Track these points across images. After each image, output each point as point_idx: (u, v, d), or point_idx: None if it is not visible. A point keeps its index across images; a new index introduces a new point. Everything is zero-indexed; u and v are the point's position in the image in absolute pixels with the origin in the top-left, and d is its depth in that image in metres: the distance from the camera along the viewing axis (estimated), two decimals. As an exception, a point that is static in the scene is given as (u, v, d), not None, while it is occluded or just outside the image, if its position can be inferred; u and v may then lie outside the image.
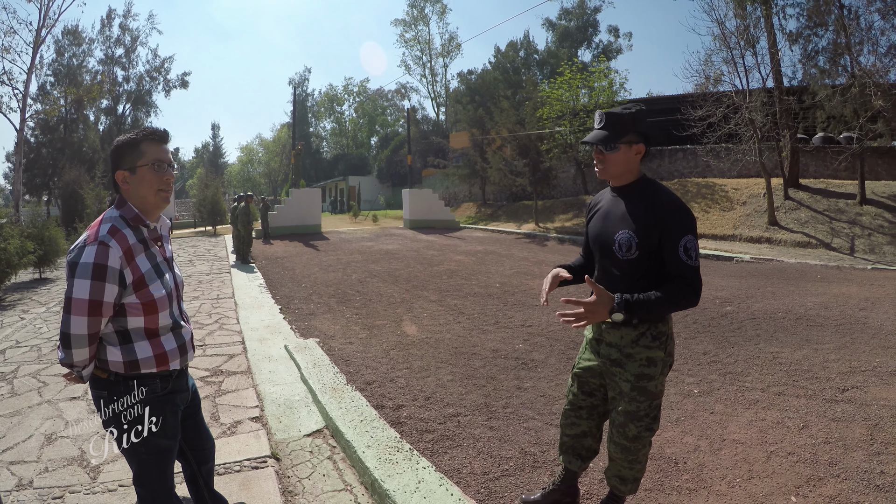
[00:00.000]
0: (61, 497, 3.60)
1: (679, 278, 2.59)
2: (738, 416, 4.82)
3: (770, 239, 19.45)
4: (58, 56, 41.93)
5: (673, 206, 2.63)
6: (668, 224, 2.60)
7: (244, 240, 16.39)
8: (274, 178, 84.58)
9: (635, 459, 2.89)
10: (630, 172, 2.80)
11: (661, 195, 2.69)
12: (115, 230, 2.34)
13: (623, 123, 2.72)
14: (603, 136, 2.73)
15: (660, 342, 2.75)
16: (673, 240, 2.59)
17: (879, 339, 7.16)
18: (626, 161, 2.75)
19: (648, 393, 2.76)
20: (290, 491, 3.77)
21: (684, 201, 2.74)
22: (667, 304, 2.56)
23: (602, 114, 2.79)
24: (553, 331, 7.96)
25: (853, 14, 20.49)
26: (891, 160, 22.59)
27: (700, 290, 2.59)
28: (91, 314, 2.25)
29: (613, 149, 2.73)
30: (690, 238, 2.59)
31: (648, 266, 2.68)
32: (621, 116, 2.73)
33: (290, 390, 5.66)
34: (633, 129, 2.71)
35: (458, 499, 3.40)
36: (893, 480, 3.61)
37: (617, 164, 2.77)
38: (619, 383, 2.82)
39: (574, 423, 3.14)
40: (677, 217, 2.61)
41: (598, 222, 2.94)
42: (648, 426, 2.81)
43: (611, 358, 2.83)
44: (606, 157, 2.77)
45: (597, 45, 62.79)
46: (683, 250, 2.57)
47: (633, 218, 2.71)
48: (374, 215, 37.42)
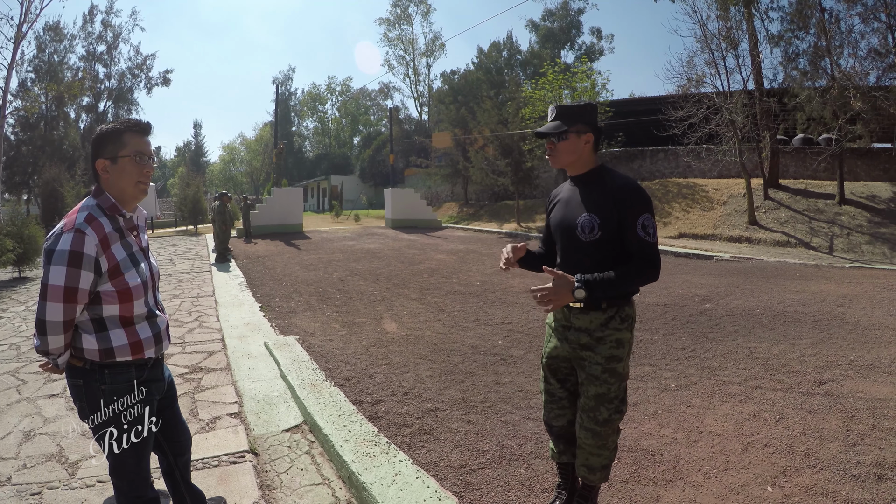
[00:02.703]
0: (39, 493, 3.58)
1: (638, 254, 2.69)
2: (715, 410, 4.87)
3: (750, 238, 19.63)
4: (39, 52, 41.60)
5: (629, 188, 2.75)
6: (627, 204, 2.70)
7: (220, 238, 16.30)
8: (256, 177, 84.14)
9: (604, 445, 2.91)
10: (582, 161, 2.90)
11: (618, 179, 2.81)
12: (92, 218, 2.35)
13: (573, 114, 2.85)
14: (554, 126, 2.85)
15: (627, 324, 2.83)
16: (632, 218, 2.68)
17: (856, 334, 7.25)
18: (576, 149, 2.85)
19: (618, 374, 2.82)
20: (267, 485, 3.78)
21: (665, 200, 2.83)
22: (627, 280, 2.65)
23: (554, 107, 2.94)
24: (532, 327, 8.00)
25: (834, 18, 20.73)
26: (869, 161, 22.85)
27: (659, 265, 2.70)
28: (66, 301, 2.26)
29: (563, 137, 2.84)
30: (648, 216, 2.71)
31: (611, 247, 2.75)
32: (571, 108, 2.87)
33: (269, 386, 5.66)
34: (581, 120, 2.83)
35: (435, 491, 3.42)
36: (869, 470, 3.66)
37: (567, 153, 2.87)
38: (588, 367, 2.85)
39: (559, 415, 3.13)
40: (634, 197, 2.72)
41: (559, 210, 3.01)
42: (618, 408, 2.86)
43: (580, 343, 2.86)
44: (557, 146, 2.87)
45: (580, 47, 63.20)
46: (641, 227, 2.67)
47: (593, 202, 2.80)
48: (356, 215, 37.37)
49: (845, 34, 20.37)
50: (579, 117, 2.83)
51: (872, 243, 17.35)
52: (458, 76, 64.01)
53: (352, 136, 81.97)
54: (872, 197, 20.29)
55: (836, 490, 3.45)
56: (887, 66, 19.31)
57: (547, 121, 2.95)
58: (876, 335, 7.15)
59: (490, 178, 30.02)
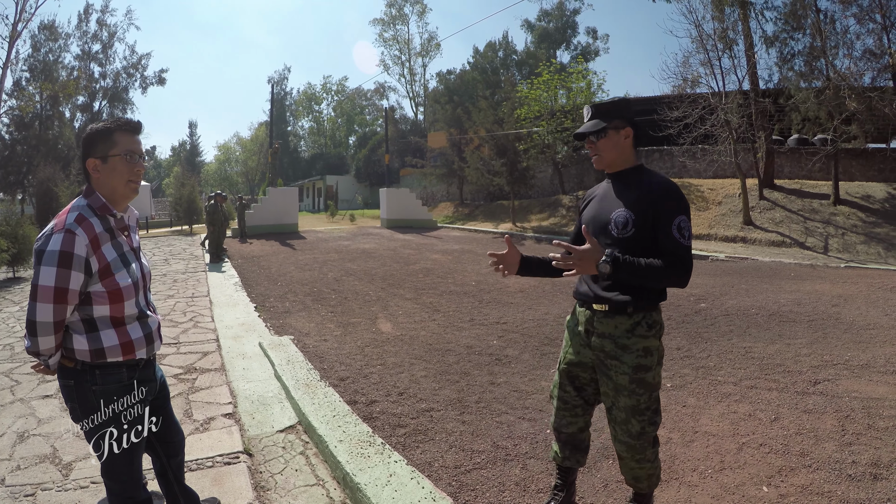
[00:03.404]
0: (33, 494, 3.56)
1: (670, 256, 2.59)
2: (710, 409, 4.87)
3: (745, 238, 19.66)
4: (34, 51, 41.37)
5: (668, 188, 2.69)
6: (663, 203, 2.64)
7: (215, 238, 16.27)
8: (251, 177, 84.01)
9: (643, 458, 2.84)
10: (623, 158, 2.85)
11: (655, 178, 2.76)
12: (82, 218, 2.34)
13: (609, 111, 2.82)
14: (593, 124, 2.82)
15: (655, 331, 2.74)
16: (667, 219, 2.62)
17: (851, 333, 7.26)
18: (618, 146, 2.82)
19: (647, 385, 2.73)
20: (262, 486, 3.76)
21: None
22: (654, 273, 2.55)
23: (589, 107, 2.90)
24: (527, 327, 8.00)
25: (829, 18, 20.80)
26: (864, 161, 22.90)
27: (690, 270, 2.60)
28: (56, 301, 2.25)
29: (603, 135, 2.80)
30: (684, 218, 2.63)
31: (643, 245, 2.67)
32: (607, 105, 2.84)
33: (264, 387, 5.65)
34: (618, 115, 2.79)
35: (430, 492, 3.41)
36: (865, 470, 3.66)
37: (609, 150, 2.83)
38: (615, 377, 2.76)
39: (571, 422, 3.05)
40: (672, 197, 2.66)
41: (593, 206, 2.97)
42: (651, 419, 2.78)
43: (605, 350, 2.77)
44: (598, 144, 2.83)
45: (575, 47, 63.18)
46: (677, 229, 2.60)
47: (629, 198, 2.75)
48: (351, 215, 37.28)
49: (840, 35, 20.45)
50: (616, 113, 2.81)
51: (867, 243, 17.39)
52: (453, 76, 63.99)
53: (347, 136, 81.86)
54: (867, 197, 20.34)
55: (832, 490, 3.44)
56: (882, 67, 19.38)
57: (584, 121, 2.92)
58: (871, 335, 7.17)
59: (485, 178, 30.00)
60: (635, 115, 2.87)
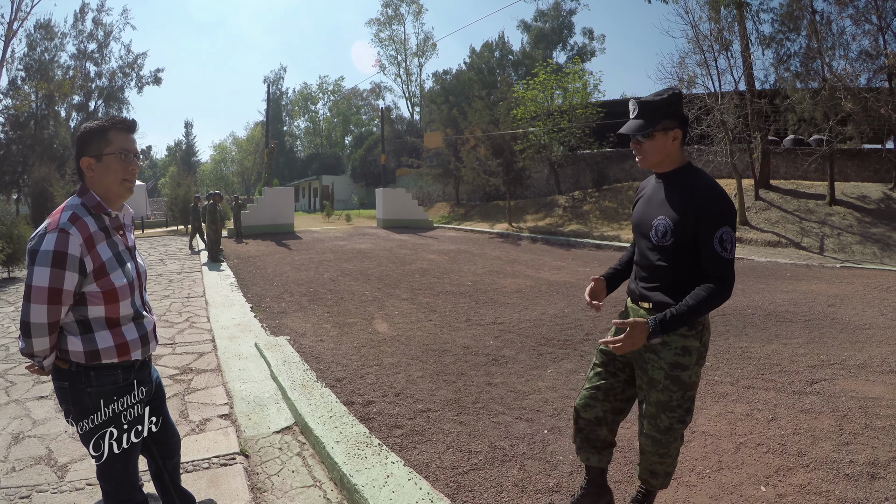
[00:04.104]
0: (28, 496, 3.54)
1: (711, 271, 2.53)
2: (708, 409, 4.87)
3: (741, 238, 19.67)
4: (29, 50, 41.13)
5: (712, 195, 2.57)
6: (706, 212, 2.53)
7: (211, 238, 16.25)
8: (247, 176, 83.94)
9: (666, 453, 2.83)
10: (670, 159, 2.74)
11: (701, 183, 2.63)
12: (76, 218, 2.31)
13: (657, 109, 2.66)
14: (638, 125, 2.69)
15: (696, 331, 2.68)
16: (709, 230, 2.52)
17: (847, 333, 7.28)
18: (664, 148, 2.69)
19: (682, 383, 2.69)
20: (258, 487, 3.74)
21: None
22: (702, 307, 2.48)
23: (635, 102, 2.73)
24: (524, 328, 7.99)
25: (825, 19, 20.88)
26: (860, 162, 22.97)
27: (732, 285, 2.53)
28: (51, 302, 2.23)
29: (649, 136, 2.67)
30: (727, 230, 2.52)
31: (683, 254, 2.62)
32: (654, 103, 2.66)
33: (260, 388, 5.63)
34: (667, 115, 2.65)
35: (427, 493, 3.40)
36: (862, 469, 3.67)
37: (655, 152, 2.71)
38: (650, 371, 2.74)
39: (589, 405, 2.99)
40: (716, 206, 2.54)
41: (640, 207, 2.91)
42: (681, 418, 2.75)
43: (645, 343, 2.68)
44: (644, 145, 2.72)
45: (571, 47, 63.30)
46: (719, 241, 2.50)
47: (671, 205, 2.66)
48: (347, 215, 37.32)
49: (837, 36, 20.53)
50: (665, 112, 2.65)
51: (863, 243, 17.43)
52: (450, 76, 64.05)
53: (343, 136, 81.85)
54: (863, 197, 20.39)
55: (830, 489, 3.45)
56: (878, 68, 19.45)
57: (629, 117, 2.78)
58: (867, 334, 7.19)
59: (481, 178, 29.98)
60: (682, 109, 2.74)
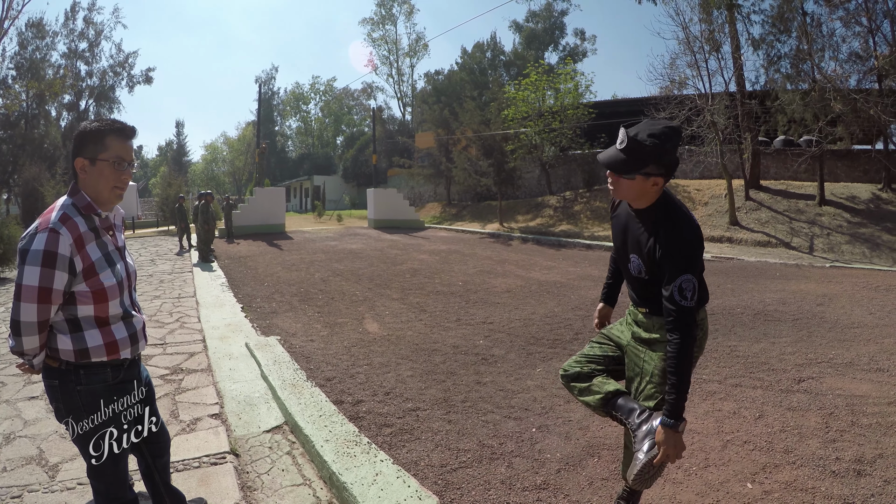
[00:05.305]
0: (20, 496, 3.54)
1: (670, 317, 2.45)
2: (695, 407, 4.90)
3: (731, 238, 19.75)
4: (20, 49, 40.85)
5: (674, 243, 2.48)
6: (668, 260, 2.47)
7: (203, 238, 16.22)
8: (238, 177, 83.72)
9: None
10: (644, 198, 2.61)
11: (668, 224, 2.53)
12: (67, 218, 2.33)
13: (647, 154, 2.48)
14: (619, 162, 2.55)
15: None
16: (671, 276, 2.45)
17: (835, 332, 7.33)
18: (642, 190, 2.56)
19: None
20: (248, 486, 3.75)
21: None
22: (682, 371, 2.44)
23: (625, 134, 2.54)
24: (514, 327, 8.02)
25: (816, 21, 20.95)
26: (849, 163, 23.08)
27: (692, 329, 2.44)
28: (40, 301, 2.24)
29: (629, 177, 2.54)
30: (688, 278, 2.43)
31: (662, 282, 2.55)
32: (645, 147, 2.47)
33: (250, 387, 5.63)
34: (655, 161, 2.49)
35: (416, 490, 3.41)
36: (848, 466, 3.71)
37: (630, 191, 2.59)
38: (641, 362, 2.74)
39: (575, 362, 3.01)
40: (678, 256, 2.46)
41: (618, 234, 2.87)
42: None
43: (640, 337, 2.73)
44: (620, 181, 2.58)
45: (563, 48, 63.27)
46: (678, 290, 2.42)
47: (641, 246, 2.63)
48: (338, 215, 37.23)
49: (827, 38, 20.60)
50: (653, 158, 2.48)
51: (852, 243, 17.51)
52: (441, 77, 63.97)
53: (335, 136, 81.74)
54: (852, 198, 20.49)
55: (816, 486, 3.48)
56: (868, 70, 19.55)
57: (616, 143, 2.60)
58: (855, 333, 7.23)
59: (472, 179, 29.99)
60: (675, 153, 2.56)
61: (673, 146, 2.50)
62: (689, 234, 2.50)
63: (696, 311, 2.50)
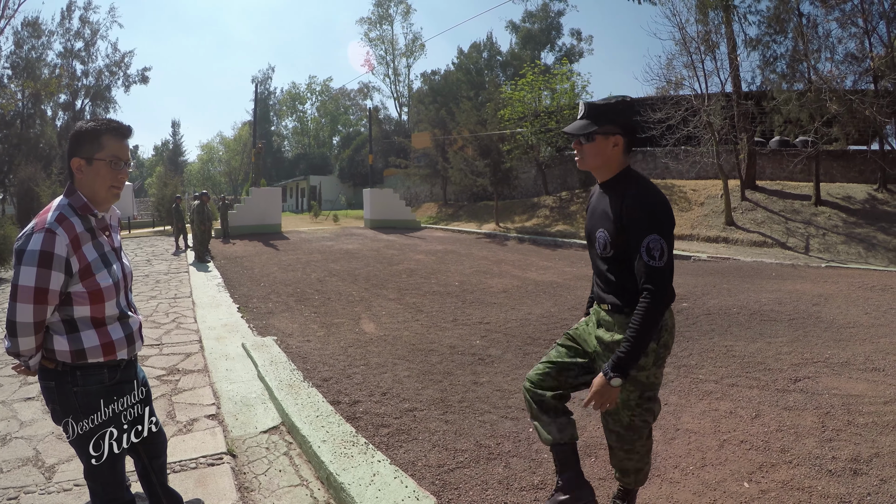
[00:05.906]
0: (16, 498, 3.53)
1: (643, 281, 2.47)
2: (692, 407, 4.90)
3: (727, 238, 19.80)
4: (16, 48, 40.74)
5: (638, 204, 2.53)
6: (633, 222, 2.51)
7: (199, 238, 16.20)
8: (234, 176, 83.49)
9: (632, 450, 2.82)
10: (608, 166, 2.70)
11: (631, 190, 2.59)
12: (63, 218, 2.32)
13: (602, 114, 2.62)
14: (580, 125, 2.66)
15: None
16: (637, 239, 2.48)
17: (831, 332, 7.33)
18: (603, 152, 2.65)
19: (639, 383, 2.66)
20: (246, 487, 3.75)
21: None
22: (644, 331, 2.44)
23: (583, 103, 2.70)
24: (510, 327, 8.02)
25: (812, 22, 21.05)
26: (845, 163, 23.16)
27: (664, 293, 2.46)
28: (37, 302, 2.23)
29: (590, 139, 2.64)
30: (655, 237, 2.45)
31: (626, 263, 2.59)
32: (600, 106, 2.63)
33: (247, 388, 5.62)
34: (611, 120, 2.61)
35: (413, 490, 3.41)
36: (845, 465, 3.71)
37: (593, 156, 2.67)
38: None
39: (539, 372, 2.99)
40: (642, 215, 2.50)
41: (588, 217, 2.90)
42: (642, 416, 2.74)
43: (603, 341, 2.71)
44: (584, 147, 2.69)
45: (560, 48, 63.32)
46: (646, 250, 2.45)
47: (609, 216, 2.65)
48: (334, 215, 37.26)
49: (823, 39, 20.71)
50: (610, 116, 2.61)
51: (847, 243, 17.57)
52: (438, 77, 64.03)
53: (331, 136, 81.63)
54: (848, 198, 20.56)
55: (812, 485, 3.48)
56: (863, 71, 19.64)
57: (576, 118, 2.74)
58: (851, 333, 7.24)
59: (469, 179, 30.00)
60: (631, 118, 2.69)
61: (626, 108, 2.67)
62: (655, 197, 2.56)
63: (668, 275, 2.50)
